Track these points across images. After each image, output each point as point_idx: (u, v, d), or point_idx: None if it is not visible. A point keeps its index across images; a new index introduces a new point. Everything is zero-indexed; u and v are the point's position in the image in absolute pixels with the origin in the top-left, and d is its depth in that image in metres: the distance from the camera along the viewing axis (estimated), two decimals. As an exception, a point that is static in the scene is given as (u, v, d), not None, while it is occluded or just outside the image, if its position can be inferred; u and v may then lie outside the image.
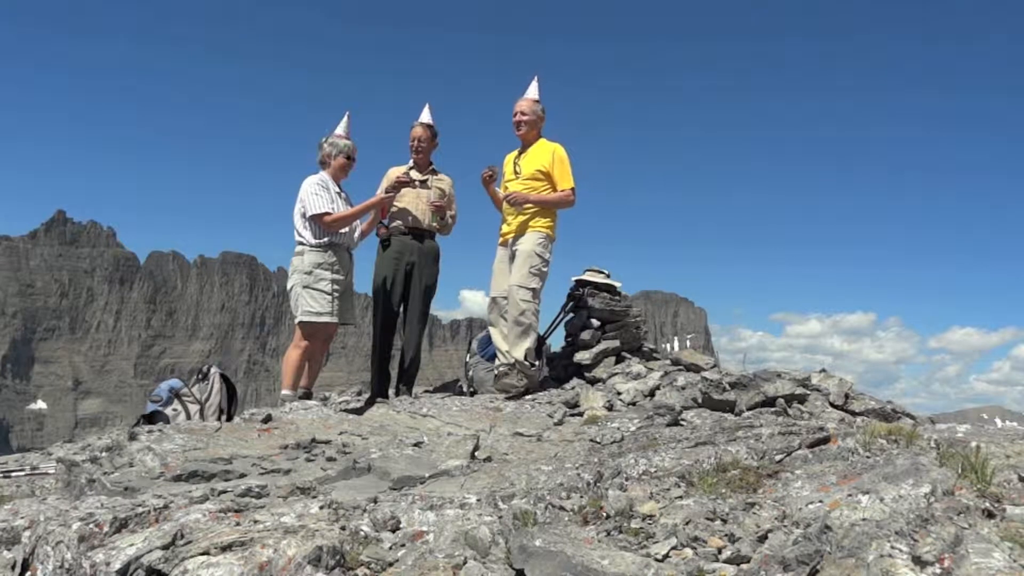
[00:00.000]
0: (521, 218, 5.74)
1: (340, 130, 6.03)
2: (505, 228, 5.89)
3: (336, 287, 5.67)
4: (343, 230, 5.78)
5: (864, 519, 2.10)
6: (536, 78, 5.92)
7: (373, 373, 6.25)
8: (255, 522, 2.41)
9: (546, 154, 5.75)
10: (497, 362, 5.65)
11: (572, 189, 5.75)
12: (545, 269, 5.70)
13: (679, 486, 2.64)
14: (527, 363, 5.47)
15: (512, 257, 5.74)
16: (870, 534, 1.97)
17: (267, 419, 4.77)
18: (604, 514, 2.40)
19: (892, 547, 1.88)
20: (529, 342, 5.52)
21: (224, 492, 3.00)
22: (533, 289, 5.59)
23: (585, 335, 6.11)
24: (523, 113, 5.81)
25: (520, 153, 5.93)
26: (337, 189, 5.86)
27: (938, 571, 1.80)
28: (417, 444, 3.97)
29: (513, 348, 5.52)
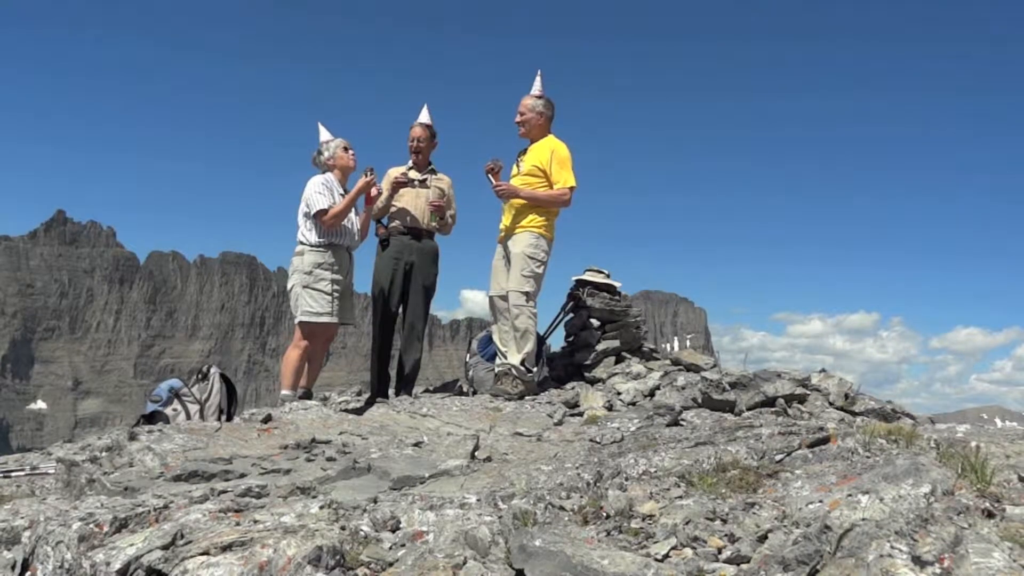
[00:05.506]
0: (514, 214, 5.67)
1: (323, 137, 6.02)
2: (501, 225, 5.85)
3: (336, 287, 5.67)
4: (345, 222, 5.75)
5: (864, 519, 2.10)
6: (540, 73, 5.79)
7: (373, 373, 6.25)
8: (255, 522, 2.40)
9: (545, 151, 5.66)
10: (497, 362, 5.64)
11: (570, 188, 5.64)
12: (540, 270, 5.61)
13: (679, 486, 2.63)
14: (523, 368, 5.45)
15: (507, 257, 5.71)
16: (870, 534, 1.97)
17: (267, 419, 4.77)
18: (604, 514, 2.40)
19: (892, 547, 1.88)
20: (527, 347, 5.47)
21: (224, 492, 3.00)
22: (527, 293, 5.51)
23: (585, 335, 6.11)
24: (521, 112, 5.75)
25: (526, 149, 5.86)
26: (341, 191, 5.86)
27: (938, 571, 1.80)
28: (417, 444, 3.97)
29: (510, 353, 5.50)
